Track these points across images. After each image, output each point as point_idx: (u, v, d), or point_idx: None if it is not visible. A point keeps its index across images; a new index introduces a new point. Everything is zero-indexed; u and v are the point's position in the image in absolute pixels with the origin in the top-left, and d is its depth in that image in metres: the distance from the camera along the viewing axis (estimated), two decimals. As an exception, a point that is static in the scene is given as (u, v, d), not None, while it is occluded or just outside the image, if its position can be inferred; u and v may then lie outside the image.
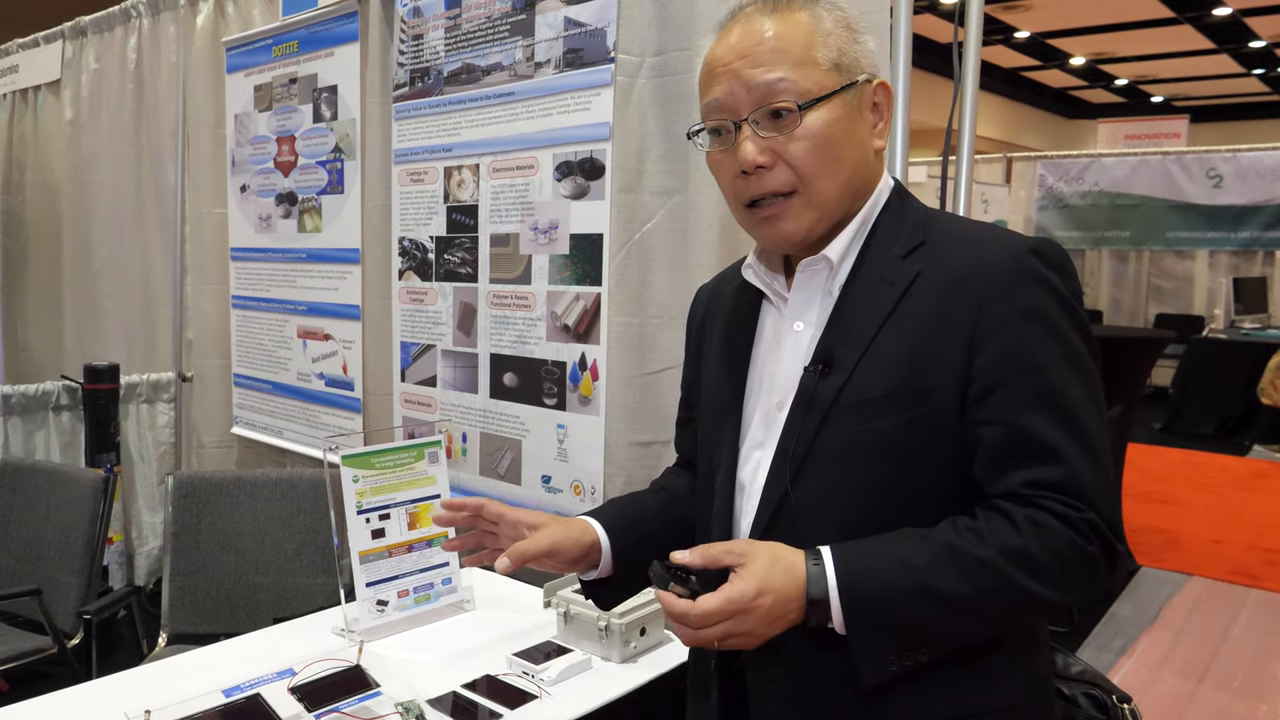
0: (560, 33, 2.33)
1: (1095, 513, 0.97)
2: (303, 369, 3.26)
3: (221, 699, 1.52)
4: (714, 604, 0.97)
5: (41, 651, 2.63)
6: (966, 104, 1.96)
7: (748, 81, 1.07)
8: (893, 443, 1.03)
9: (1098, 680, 1.33)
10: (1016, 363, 1.00)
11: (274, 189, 3.33)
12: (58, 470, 2.94)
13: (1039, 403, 0.99)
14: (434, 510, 1.26)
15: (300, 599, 2.55)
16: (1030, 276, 1.02)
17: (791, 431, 1.08)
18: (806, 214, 1.09)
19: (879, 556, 1.00)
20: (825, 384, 1.07)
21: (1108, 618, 3.93)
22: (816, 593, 0.99)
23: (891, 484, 1.04)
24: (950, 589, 0.97)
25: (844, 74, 1.07)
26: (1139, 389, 4.53)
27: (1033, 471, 0.99)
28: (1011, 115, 13.73)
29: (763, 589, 0.97)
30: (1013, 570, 0.97)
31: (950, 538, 0.99)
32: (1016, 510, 0.99)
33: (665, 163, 2.20)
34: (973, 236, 1.08)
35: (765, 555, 1.00)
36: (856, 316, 1.08)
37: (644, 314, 2.24)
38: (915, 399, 1.03)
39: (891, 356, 1.04)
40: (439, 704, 1.60)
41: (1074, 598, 1.01)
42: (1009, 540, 0.97)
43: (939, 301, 1.04)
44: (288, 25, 3.18)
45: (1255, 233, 8.72)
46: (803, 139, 1.06)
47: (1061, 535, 0.97)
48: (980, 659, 1.04)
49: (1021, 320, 1.01)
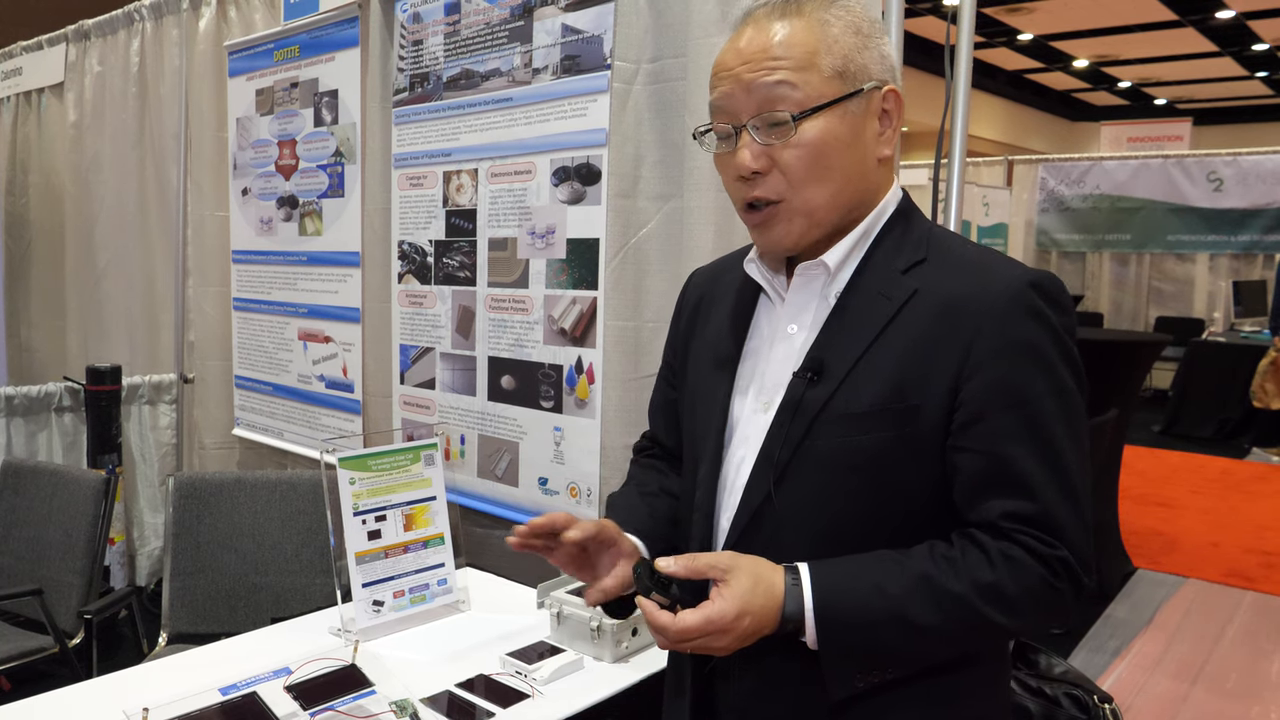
0: (558, 39, 2.35)
1: (1068, 550, 1.00)
2: (303, 371, 3.29)
3: (218, 697, 1.54)
4: (693, 622, 0.99)
5: (43, 651, 2.65)
6: (959, 105, 1.97)
7: (749, 86, 1.07)
8: (874, 456, 1.05)
9: (1080, 681, 1.36)
10: (1005, 395, 1.01)
11: (275, 192, 3.35)
12: (60, 471, 2.96)
13: (1023, 436, 1.01)
14: (511, 535, 1.22)
15: (299, 599, 2.57)
16: (1027, 310, 1.03)
17: (777, 436, 1.10)
18: (796, 220, 1.09)
19: (855, 580, 1.02)
20: (813, 392, 1.08)
21: (1103, 619, 3.94)
22: (792, 609, 1.01)
23: (870, 495, 1.06)
24: (922, 619, 1.00)
25: (848, 82, 1.07)
26: (1135, 392, 4.54)
27: (1010, 504, 1.01)
28: (1015, 117, 13.74)
29: (743, 611, 0.99)
30: (983, 605, 1.00)
31: (926, 567, 1.01)
32: (991, 544, 1.01)
33: (661, 168, 2.22)
34: (974, 262, 1.08)
35: (748, 575, 1.01)
36: (851, 328, 1.08)
37: (640, 318, 2.26)
38: (901, 417, 1.04)
39: (881, 372, 1.05)
40: (433, 703, 1.62)
41: (1036, 628, 1.07)
42: (982, 575, 1.00)
43: (934, 323, 1.05)
44: (289, 30, 3.20)
45: (1256, 236, 8.72)
46: (796, 148, 1.06)
47: (1033, 572, 1.00)
48: (942, 674, 1.07)
49: (1014, 353, 1.02)
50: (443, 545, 2.06)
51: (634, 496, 1.33)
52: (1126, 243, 9.46)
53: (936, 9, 8.36)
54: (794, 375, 1.10)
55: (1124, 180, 9.33)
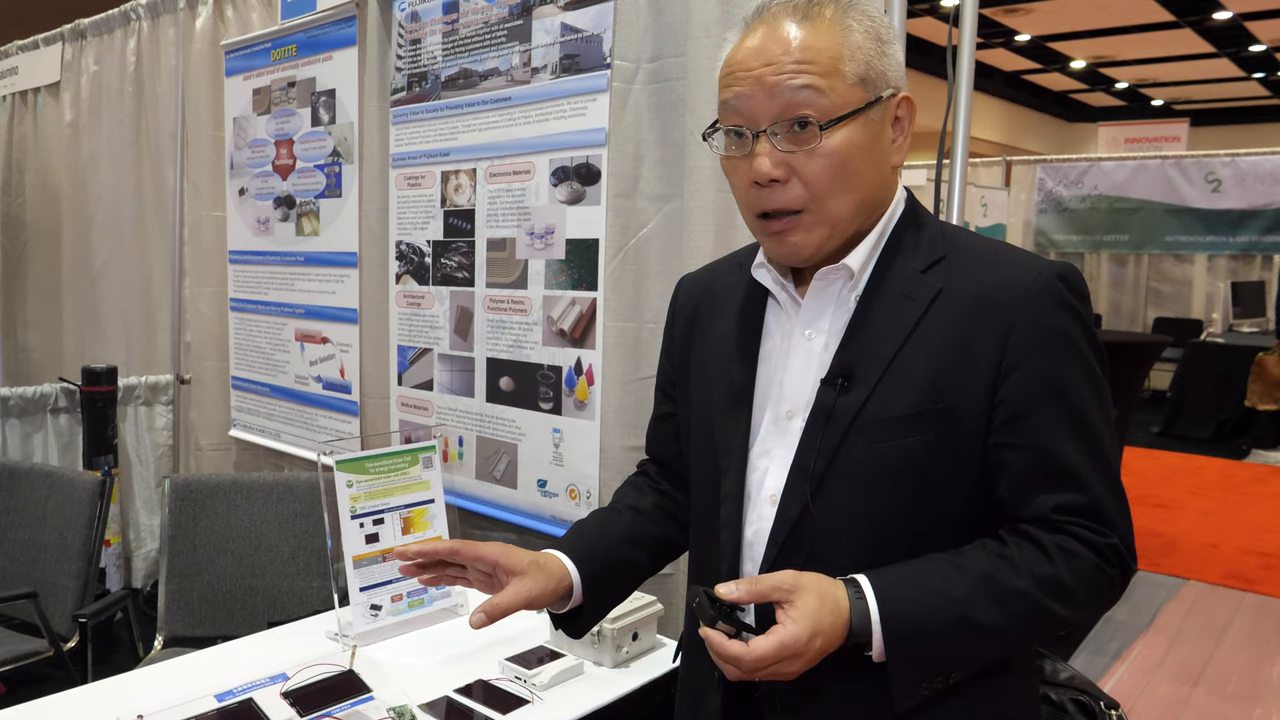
0: (557, 38, 2.34)
1: (1117, 537, 1.01)
2: (300, 372, 3.27)
3: (214, 703, 1.53)
4: (769, 648, 0.95)
5: (38, 654, 2.63)
6: (961, 106, 1.96)
7: (771, 90, 1.03)
8: (914, 460, 1.03)
9: (1086, 686, 1.34)
10: (1045, 387, 1.01)
11: (272, 192, 3.34)
12: (55, 472, 2.94)
13: (1067, 428, 1.01)
14: (396, 555, 1.18)
15: (296, 602, 2.55)
16: (1058, 301, 1.02)
17: (810, 446, 1.07)
18: (817, 230, 1.06)
19: (918, 587, 1.00)
20: (846, 399, 1.05)
21: (1103, 622, 3.93)
22: (859, 624, 0.98)
23: (910, 500, 1.04)
24: (987, 619, 0.99)
25: (869, 89, 1.04)
26: (1135, 393, 4.54)
27: (1062, 497, 1.01)
28: (1012, 118, 13.75)
29: (815, 631, 0.96)
30: (1046, 599, 0.99)
31: (985, 567, 1.00)
32: (1045, 537, 1.01)
33: (661, 168, 2.20)
34: (996, 256, 1.07)
35: (814, 594, 0.97)
36: (878, 331, 1.06)
37: (639, 319, 2.25)
38: (940, 418, 1.02)
39: (915, 374, 1.03)
40: (431, 708, 1.61)
41: (1093, 616, 1.06)
42: (1042, 569, 0.99)
43: (964, 320, 1.03)
44: (286, 29, 3.19)
45: (1254, 237, 8.73)
46: (821, 157, 1.03)
47: (1089, 562, 1.00)
48: (992, 675, 1.06)
49: (1051, 344, 1.01)
50: (441, 548, 2.05)
51: (598, 516, 1.32)
52: (1124, 243, 9.46)
53: (933, 10, 8.36)
54: (822, 383, 1.07)
55: (1122, 181, 9.34)
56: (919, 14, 8.21)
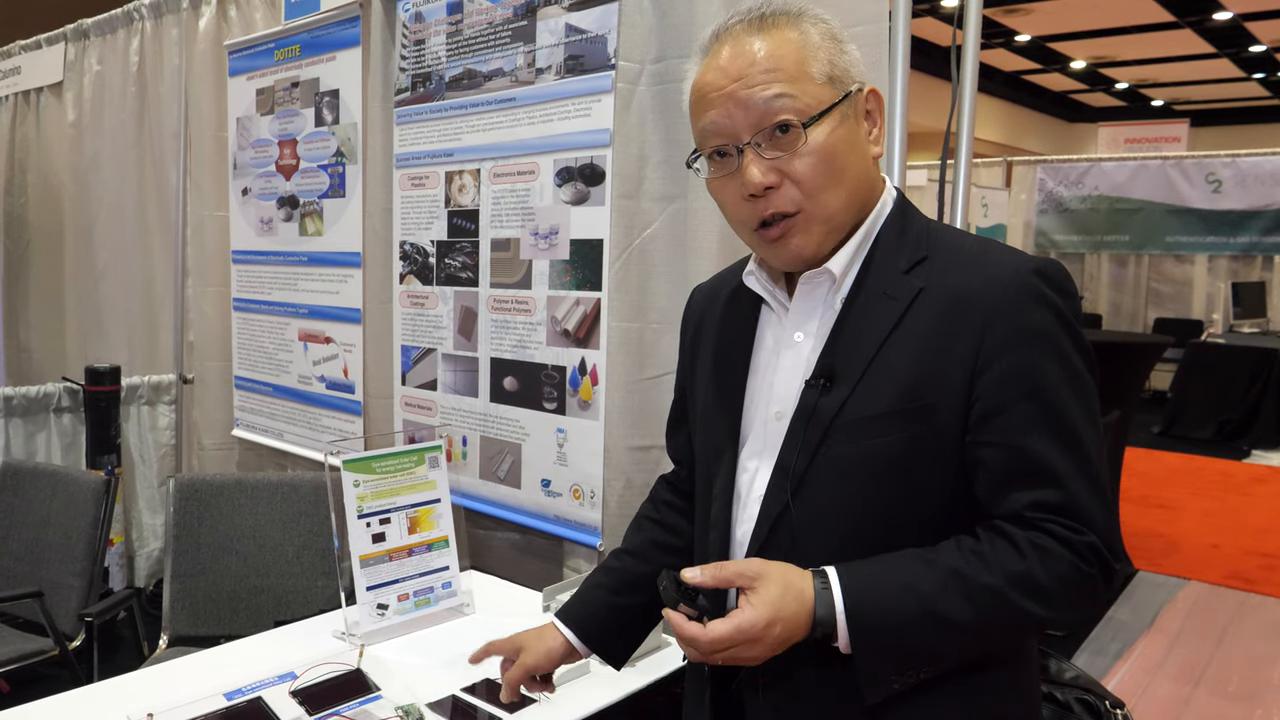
0: (561, 39, 2.34)
1: (1095, 535, 1.00)
2: (304, 372, 3.28)
3: (223, 702, 1.53)
4: (724, 631, 0.97)
5: (43, 653, 2.64)
6: (965, 107, 1.97)
7: (745, 103, 1.05)
8: (893, 458, 1.04)
9: (1091, 686, 1.35)
10: (1020, 385, 1.01)
11: (275, 192, 3.34)
12: (59, 472, 2.95)
13: (1042, 426, 1.00)
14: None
15: (301, 602, 2.56)
16: (1034, 298, 1.02)
17: (792, 445, 1.09)
18: (814, 229, 1.08)
19: (885, 580, 1.00)
20: (827, 399, 1.07)
21: (1104, 622, 3.94)
22: (823, 614, 1.00)
23: (890, 498, 1.05)
24: (955, 615, 0.99)
25: (837, 86, 1.07)
26: (1137, 394, 4.54)
27: (1035, 494, 1.00)
28: (1012, 118, 13.74)
29: (774, 618, 0.98)
30: (1016, 595, 0.99)
31: (956, 562, 1.00)
32: (1019, 534, 1.00)
33: (665, 169, 2.21)
34: (976, 254, 1.08)
35: (777, 582, 1.00)
36: (859, 331, 1.08)
37: (644, 319, 2.25)
38: (918, 416, 1.03)
39: (894, 373, 1.04)
40: (438, 707, 1.61)
41: (1072, 616, 1.05)
42: (1013, 565, 0.99)
43: (942, 319, 1.04)
44: (290, 29, 3.19)
45: (1254, 237, 8.73)
46: (808, 155, 1.05)
47: (1063, 559, 0.99)
48: (973, 673, 1.06)
49: (1026, 342, 1.02)
50: (447, 548, 2.05)
51: (595, 577, 1.42)
52: (1125, 244, 9.47)
53: (934, 10, 8.36)
54: (805, 383, 1.09)
55: (1122, 181, 9.34)
56: (920, 13, 8.21)
